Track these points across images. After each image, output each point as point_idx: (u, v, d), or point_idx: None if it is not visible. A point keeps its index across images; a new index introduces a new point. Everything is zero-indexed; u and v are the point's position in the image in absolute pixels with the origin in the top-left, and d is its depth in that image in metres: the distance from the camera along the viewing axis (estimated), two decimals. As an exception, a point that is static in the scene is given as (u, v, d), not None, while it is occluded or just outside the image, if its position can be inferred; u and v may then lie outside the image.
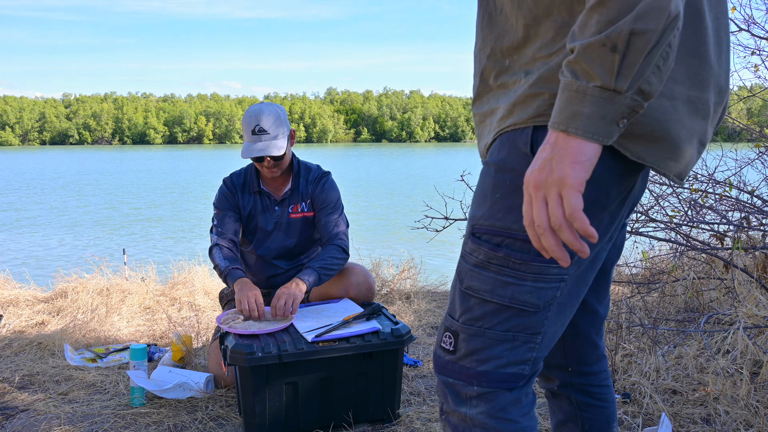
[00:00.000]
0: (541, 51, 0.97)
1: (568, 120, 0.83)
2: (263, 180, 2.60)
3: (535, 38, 0.98)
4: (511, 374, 1.03)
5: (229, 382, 2.45)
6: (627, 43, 0.78)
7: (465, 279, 1.03)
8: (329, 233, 2.56)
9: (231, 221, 2.58)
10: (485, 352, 1.02)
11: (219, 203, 2.61)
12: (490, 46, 1.06)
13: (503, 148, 1.00)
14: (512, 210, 0.97)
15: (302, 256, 2.68)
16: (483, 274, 1.00)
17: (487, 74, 1.08)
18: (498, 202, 0.99)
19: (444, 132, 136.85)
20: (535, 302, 1.00)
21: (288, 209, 2.59)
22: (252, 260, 2.66)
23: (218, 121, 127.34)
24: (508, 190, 0.98)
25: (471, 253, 1.02)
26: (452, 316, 1.06)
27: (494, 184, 1.00)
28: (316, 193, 2.60)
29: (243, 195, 2.60)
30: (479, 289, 1.01)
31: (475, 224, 1.03)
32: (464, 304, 1.03)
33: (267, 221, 2.59)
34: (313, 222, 2.63)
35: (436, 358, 1.09)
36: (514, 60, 1.02)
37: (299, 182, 2.60)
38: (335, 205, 2.60)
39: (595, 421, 1.29)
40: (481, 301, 1.01)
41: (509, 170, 0.98)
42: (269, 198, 2.59)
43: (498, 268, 0.99)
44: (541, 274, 0.98)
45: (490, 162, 1.02)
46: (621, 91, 0.80)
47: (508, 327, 1.01)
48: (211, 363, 2.47)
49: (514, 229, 0.97)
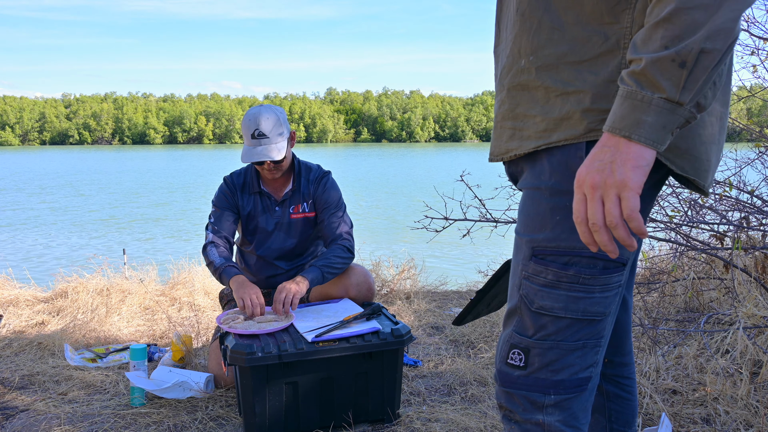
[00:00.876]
0: (568, 57, 1.02)
1: (631, 126, 0.88)
2: (263, 181, 2.61)
3: (560, 42, 1.03)
4: (583, 378, 1.10)
5: (228, 382, 2.45)
6: (695, 61, 0.83)
7: (535, 299, 1.08)
8: (333, 233, 2.56)
9: (228, 221, 2.58)
10: (559, 363, 1.08)
11: (218, 201, 2.61)
12: (509, 45, 1.11)
13: (555, 172, 1.05)
14: (575, 230, 1.03)
15: (303, 256, 2.68)
16: (554, 293, 1.06)
17: (505, 72, 1.13)
18: (560, 224, 1.05)
19: (444, 132, 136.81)
20: (603, 311, 1.08)
21: (289, 210, 2.59)
22: (252, 261, 2.66)
23: (218, 121, 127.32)
24: (569, 212, 1.04)
25: (537, 275, 1.08)
26: (522, 334, 1.10)
27: (552, 207, 1.06)
28: (318, 193, 2.60)
29: (243, 195, 2.60)
30: (552, 307, 1.07)
31: (537, 246, 1.08)
32: (537, 323, 1.08)
33: (267, 222, 2.59)
34: (315, 222, 2.63)
35: (503, 375, 1.13)
36: (531, 61, 1.06)
37: (300, 182, 2.60)
38: (337, 204, 2.60)
39: (621, 413, 1.35)
40: (554, 318, 1.07)
41: (566, 193, 1.04)
42: (269, 198, 2.59)
43: (569, 285, 1.05)
44: (606, 284, 1.06)
45: (542, 186, 1.07)
46: (683, 104, 0.86)
47: (579, 337, 1.08)
48: (211, 363, 2.47)
49: (579, 248, 1.04)
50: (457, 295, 4.14)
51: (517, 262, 1.12)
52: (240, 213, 2.61)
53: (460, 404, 2.34)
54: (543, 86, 1.05)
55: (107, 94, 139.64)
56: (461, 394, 2.43)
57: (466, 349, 2.98)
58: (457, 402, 2.36)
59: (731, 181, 3.05)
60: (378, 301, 3.08)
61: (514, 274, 1.14)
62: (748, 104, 4.93)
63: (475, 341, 3.06)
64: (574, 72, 1.02)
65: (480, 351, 2.91)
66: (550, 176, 1.06)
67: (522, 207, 1.13)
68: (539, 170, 1.08)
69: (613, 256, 0.94)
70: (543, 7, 1.04)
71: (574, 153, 1.03)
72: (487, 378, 2.55)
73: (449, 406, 2.31)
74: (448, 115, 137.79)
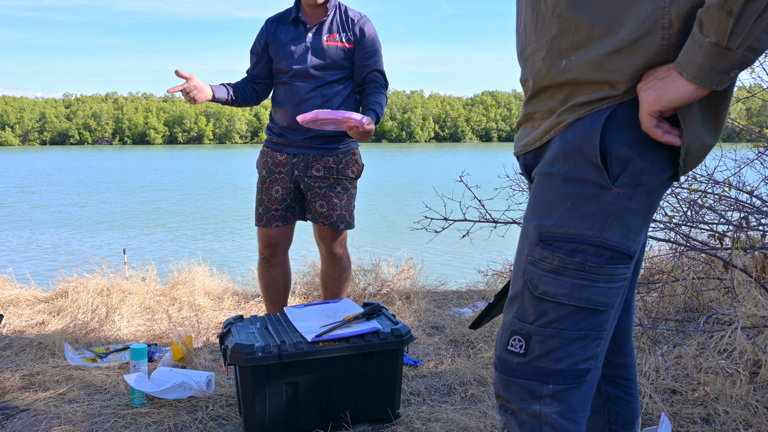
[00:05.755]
0: (609, 48, 1.04)
1: (684, 64, 0.97)
2: (302, 11, 2.71)
3: (601, 37, 1.05)
4: (582, 370, 1.10)
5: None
6: (742, 9, 0.89)
7: (539, 284, 1.08)
8: (372, 68, 2.72)
9: (255, 64, 2.80)
10: (560, 352, 1.08)
11: (252, 47, 2.80)
12: (544, 47, 1.12)
13: (569, 159, 1.07)
14: (585, 218, 1.06)
15: (328, 85, 2.69)
16: (559, 279, 1.07)
17: (542, 75, 1.13)
18: (570, 211, 1.06)
19: (444, 132, 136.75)
20: (606, 302, 1.08)
21: (323, 37, 2.67)
22: (281, 92, 2.74)
23: (218, 121, 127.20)
24: (580, 199, 1.06)
25: (543, 260, 1.08)
26: (523, 320, 1.10)
27: (563, 193, 1.07)
28: (357, 28, 2.70)
29: (279, 26, 2.73)
30: (556, 293, 1.07)
31: (545, 231, 1.08)
32: (539, 308, 1.09)
33: (298, 46, 2.67)
34: (349, 55, 2.70)
35: (503, 361, 1.14)
36: (573, 60, 1.08)
37: (338, 15, 2.71)
38: (374, 42, 2.73)
39: (621, 414, 1.34)
40: (557, 304, 1.07)
41: (579, 181, 1.06)
42: (305, 26, 2.69)
43: (574, 272, 1.06)
44: (612, 275, 1.07)
45: (554, 173, 1.09)
46: (732, 48, 0.92)
47: (581, 326, 1.08)
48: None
49: (588, 236, 1.05)
50: (457, 295, 4.14)
51: (523, 247, 1.13)
52: (270, 45, 2.73)
53: (460, 404, 2.34)
54: (588, 82, 1.06)
55: (108, 94, 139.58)
56: (461, 393, 2.43)
57: (466, 349, 2.98)
58: (457, 402, 2.36)
59: (731, 181, 3.05)
60: (378, 301, 3.09)
61: (519, 260, 1.14)
62: (747, 104, 4.94)
63: (475, 341, 3.06)
64: (617, 61, 1.04)
65: (480, 351, 2.91)
66: (563, 163, 1.07)
67: (533, 193, 1.14)
68: (552, 157, 1.09)
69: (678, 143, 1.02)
70: (580, 6, 1.06)
71: (590, 132, 1.05)
72: (487, 378, 2.55)
73: (449, 406, 2.32)
74: (448, 115, 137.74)
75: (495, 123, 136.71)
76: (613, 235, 1.06)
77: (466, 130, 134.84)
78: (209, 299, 3.88)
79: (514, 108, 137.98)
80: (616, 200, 1.05)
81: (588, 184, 1.05)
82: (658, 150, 1.06)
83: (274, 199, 2.74)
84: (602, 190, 1.05)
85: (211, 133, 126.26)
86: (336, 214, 2.72)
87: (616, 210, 1.05)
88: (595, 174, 1.05)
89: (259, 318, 2.32)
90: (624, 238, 1.07)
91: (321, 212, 2.71)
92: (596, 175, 1.05)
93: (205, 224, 12.21)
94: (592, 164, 1.05)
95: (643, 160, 1.05)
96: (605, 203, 1.05)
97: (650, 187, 1.07)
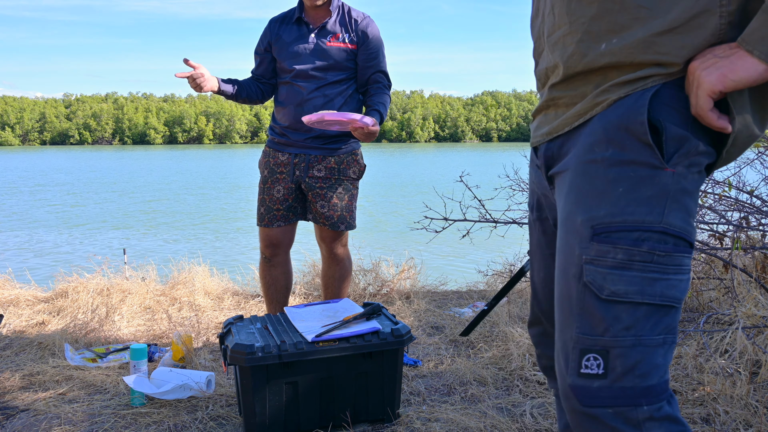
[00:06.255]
0: (657, 28, 0.95)
1: (755, 41, 0.87)
2: (305, 12, 2.71)
3: (647, 19, 0.96)
4: (667, 381, 0.96)
5: None
6: None
7: (606, 284, 0.94)
8: (376, 68, 2.72)
9: (261, 65, 2.80)
10: (645, 364, 0.93)
11: (256, 47, 2.81)
12: (580, 29, 1.02)
13: (612, 141, 0.96)
14: (642, 203, 0.94)
15: (330, 85, 2.69)
16: (627, 274, 0.94)
17: (576, 59, 1.03)
18: (624, 197, 0.95)
19: (444, 132, 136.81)
20: (678, 297, 0.96)
21: (326, 38, 2.67)
22: (283, 91, 2.74)
23: (218, 121, 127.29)
24: (633, 182, 0.95)
25: (604, 255, 0.95)
26: (592, 334, 0.95)
27: (612, 179, 0.96)
28: (360, 30, 2.69)
29: (282, 26, 2.74)
30: (626, 291, 0.93)
31: (598, 224, 0.96)
32: (609, 314, 0.94)
33: (301, 46, 2.68)
34: (352, 55, 2.70)
35: (580, 390, 0.95)
36: (614, 43, 0.98)
37: (342, 16, 2.71)
38: (377, 43, 2.72)
39: None
40: (630, 305, 0.93)
41: (628, 163, 0.95)
42: (308, 27, 2.69)
43: (642, 264, 0.93)
44: (680, 266, 0.96)
45: (597, 158, 0.98)
46: None
47: (659, 329, 0.94)
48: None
49: (648, 221, 0.94)
50: (457, 295, 4.14)
51: (571, 249, 0.99)
52: (273, 45, 2.73)
53: (460, 404, 2.34)
54: (633, 64, 0.97)
55: (108, 94, 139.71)
56: (461, 393, 2.43)
57: (466, 349, 2.98)
58: (456, 402, 2.36)
59: (731, 181, 3.05)
60: (378, 301, 3.09)
61: (568, 264, 0.99)
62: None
63: (475, 341, 3.06)
64: (668, 42, 0.95)
65: (480, 351, 2.91)
66: (607, 146, 0.97)
67: (571, 187, 1.01)
68: (592, 142, 0.99)
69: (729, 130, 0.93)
70: None
71: (635, 110, 0.95)
72: (487, 378, 2.56)
73: (449, 406, 2.32)
74: (448, 115, 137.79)
75: (495, 123, 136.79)
76: (675, 220, 0.94)
77: (466, 130, 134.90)
78: (209, 299, 3.88)
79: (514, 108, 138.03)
80: (673, 181, 0.94)
81: (639, 165, 0.95)
82: (704, 135, 0.96)
83: (276, 199, 2.74)
84: (656, 170, 0.94)
85: (211, 133, 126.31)
86: (336, 215, 2.72)
87: (674, 192, 0.94)
88: (647, 153, 0.94)
89: (259, 318, 2.32)
90: (685, 223, 0.95)
91: (321, 213, 2.71)
92: (648, 154, 0.94)
93: (205, 224, 12.21)
94: (641, 143, 0.95)
95: (697, 139, 0.95)
96: (662, 185, 0.94)
97: (700, 169, 0.97)
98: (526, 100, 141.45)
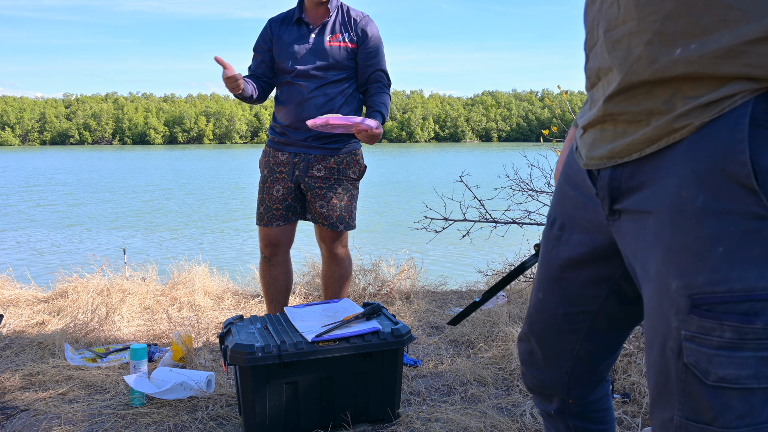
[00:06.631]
0: (752, 35, 0.77)
1: None
2: (305, 12, 2.72)
3: (739, 22, 0.77)
4: None
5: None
6: None
7: (711, 369, 0.80)
8: (376, 67, 2.73)
9: (260, 63, 2.78)
10: None
11: (256, 45, 2.80)
12: (651, 28, 0.83)
13: (705, 186, 0.78)
14: (749, 264, 0.77)
15: (331, 85, 2.70)
16: (737, 355, 0.78)
17: (641, 66, 0.84)
18: (726, 259, 0.78)
19: (444, 132, 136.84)
20: None
21: (325, 38, 2.68)
22: (285, 91, 2.74)
23: (218, 121, 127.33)
24: (736, 239, 0.77)
25: (708, 333, 0.79)
26: (698, 422, 0.82)
27: (707, 235, 0.78)
28: (360, 29, 2.70)
29: (282, 26, 2.74)
30: (738, 376, 0.79)
31: (698, 294, 0.79)
32: (718, 402, 0.80)
33: (301, 46, 2.68)
34: (352, 55, 2.70)
35: None
36: (694, 49, 0.80)
37: (341, 16, 2.73)
38: (377, 42, 2.73)
39: None
40: (744, 391, 0.79)
41: (726, 213, 0.77)
42: (308, 27, 2.70)
43: (756, 343, 0.78)
44: None
45: (685, 207, 0.80)
46: None
47: None
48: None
49: (761, 288, 0.77)
50: (457, 295, 4.14)
51: (665, 319, 0.83)
52: (274, 45, 2.73)
53: (460, 404, 2.34)
54: (713, 77, 0.79)
55: (108, 94, 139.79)
56: (461, 393, 2.43)
57: (466, 349, 2.98)
58: (456, 402, 2.36)
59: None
60: (378, 301, 3.09)
61: (663, 335, 0.84)
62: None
63: (475, 341, 3.06)
64: (763, 52, 0.76)
65: (480, 351, 2.91)
66: (697, 191, 0.79)
67: (657, 240, 0.84)
68: (677, 184, 0.81)
69: None
70: None
71: (731, 143, 0.76)
72: (487, 378, 2.56)
73: (449, 406, 2.32)
74: (448, 115, 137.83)
75: (495, 123, 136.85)
76: None
77: (466, 130, 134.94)
78: (209, 299, 3.88)
79: (514, 108, 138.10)
80: None
81: (742, 216, 0.77)
82: None
83: (275, 198, 2.74)
84: (764, 222, 0.77)
85: (211, 133, 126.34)
86: (335, 215, 2.72)
87: None
88: (750, 201, 0.76)
89: (259, 318, 2.32)
90: None
91: (321, 213, 2.71)
92: (752, 201, 0.76)
93: (205, 224, 12.21)
94: (743, 188, 0.76)
95: None
96: None
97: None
98: (526, 100, 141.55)
